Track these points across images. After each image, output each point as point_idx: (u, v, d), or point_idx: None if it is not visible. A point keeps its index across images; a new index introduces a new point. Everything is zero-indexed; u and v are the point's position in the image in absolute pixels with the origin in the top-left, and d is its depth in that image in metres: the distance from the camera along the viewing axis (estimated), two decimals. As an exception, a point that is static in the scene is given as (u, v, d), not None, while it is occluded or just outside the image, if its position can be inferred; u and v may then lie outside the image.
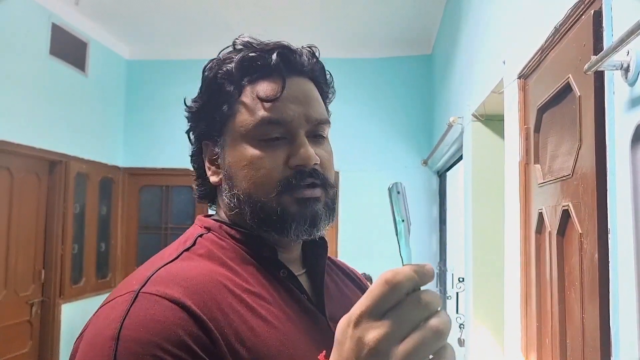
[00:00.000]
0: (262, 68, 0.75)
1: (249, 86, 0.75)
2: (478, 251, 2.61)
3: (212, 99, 0.76)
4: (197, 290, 0.63)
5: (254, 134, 0.73)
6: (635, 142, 0.94)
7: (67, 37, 4.11)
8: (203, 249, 0.72)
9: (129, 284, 0.65)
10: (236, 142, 0.74)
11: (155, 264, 0.68)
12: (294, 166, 0.72)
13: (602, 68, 1.01)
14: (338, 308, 0.78)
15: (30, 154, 3.73)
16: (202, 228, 0.77)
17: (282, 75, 0.74)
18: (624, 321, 0.99)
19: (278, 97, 0.73)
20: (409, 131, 4.79)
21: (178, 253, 0.70)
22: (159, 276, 0.64)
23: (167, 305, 0.60)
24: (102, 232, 4.66)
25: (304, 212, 0.72)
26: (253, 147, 0.73)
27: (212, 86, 0.77)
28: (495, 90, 2.14)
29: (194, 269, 0.67)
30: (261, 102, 0.73)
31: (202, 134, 0.79)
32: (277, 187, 0.72)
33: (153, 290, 0.61)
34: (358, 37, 4.63)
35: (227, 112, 0.75)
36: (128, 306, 0.60)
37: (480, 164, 2.63)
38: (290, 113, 0.73)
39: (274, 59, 0.74)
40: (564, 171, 1.31)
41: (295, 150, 0.73)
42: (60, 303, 4.02)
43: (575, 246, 1.23)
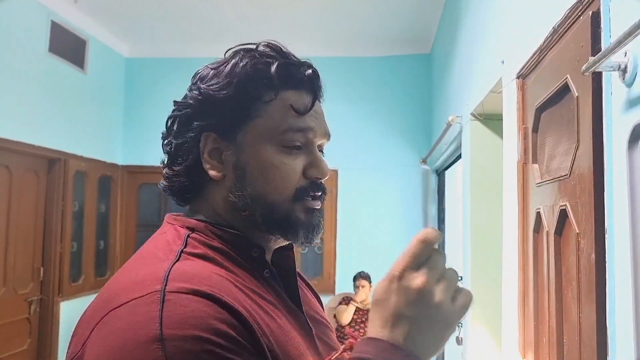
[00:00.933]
0: (298, 80, 0.77)
1: (282, 93, 0.76)
2: (476, 250, 2.62)
3: (240, 95, 0.75)
4: (220, 287, 0.63)
5: (280, 139, 0.75)
6: (632, 142, 0.95)
7: (66, 35, 4.11)
8: (197, 249, 0.71)
9: (142, 285, 0.61)
10: (257, 143, 0.75)
11: (156, 264, 0.66)
12: (311, 177, 0.77)
13: (599, 69, 1.01)
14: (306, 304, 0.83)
15: (29, 152, 3.73)
16: (183, 228, 0.75)
17: (315, 91, 0.79)
18: (620, 321, 1.00)
19: (308, 111, 0.77)
20: (408, 130, 4.80)
21: (177, 253, 0.68)
22: (176, 275, 0.63)
23: (202, 301, 0.59)
24: (101, 230, 4.66)
25: (310, 221, 0.77)
26: (278, 152, 0.75)
27: (243, 82, 0.75)
28: (493, 89, 2.15)
29: (204, 269, 0.66)
30: (292, 112, 0.75)
31: (210, 125, 0.76)
32: (293, 194, 0.75)
33: (180, 289, 0.60)
34: (357, 36, 4.63)
35: (254, 112, 0.75)
36: (159, 307, 0.58)
37: (478, 163, 2.63)
38: (313, 125, 0.77)
39: (307, 74, 0.78)
40: (561, 171, 1.32)
41: (314, 162, 0.77)
42: (59, 301, 4.02)
43: (572, 246, 1.23)
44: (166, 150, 0.80)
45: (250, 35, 0.80)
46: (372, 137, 4.80)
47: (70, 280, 4.17)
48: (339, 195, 4.84)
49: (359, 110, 4.83)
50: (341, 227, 4.82)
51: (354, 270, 4.41)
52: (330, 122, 0.80)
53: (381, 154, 4.78)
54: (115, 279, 0.68)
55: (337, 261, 4.80)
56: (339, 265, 4.78)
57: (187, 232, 0.73)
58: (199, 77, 0.79)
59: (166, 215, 0.80)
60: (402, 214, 4.74)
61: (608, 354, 1.05)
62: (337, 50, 4.84)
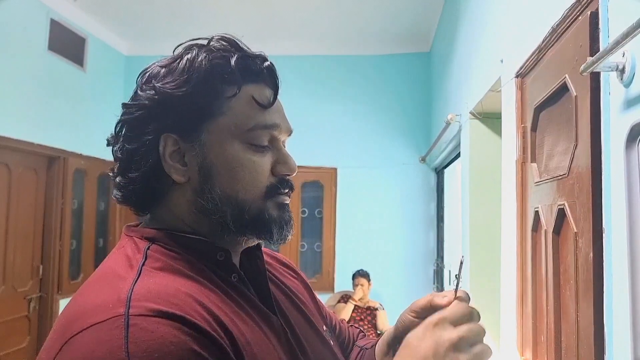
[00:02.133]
0: (258, 73, 0.74)
1: (244, 88, 0.73)
2: (475, 248, 2.62)
3: (198, 92, 0.70)
4: (188, 303, 0.60)
5: (247, 136, 0.72)
6: (630, 142, 0.95)
7: (66, 33, 4.11)
8: (158, 262, 0.66)
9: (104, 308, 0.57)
10: (225, 142, 0.71)
11: (116, 283, 0.61)
12: (280, 174, 0.75)
13: (598, 69, 1.02)
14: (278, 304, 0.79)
15: (28, 150, 3.73)
16: (142, 239, 0.70)
17: (275, 83, 0.75)
18: (617, 319, 1.00)
19: (272, 104, 0.74)
20: (407, 128, 4.80)
21: (137, 269, 0.64)
22: (139, 295, 0.58)
23: (169, 324, 0.56)
24: (100, 228, 4.67)
25: (283, 217, 0.75)
26: (245, 150, 0.72)
27: (202, 78, 0.70)
28: (493, 88, 2.15)
29: (169, 284, 0.62)
30: (256, 106, 0.72)
31: (168, 125, 0.71)
32: (264, 193, 0.73)
33: (145, 312, 0.56)
34: (356, 34, 4.63)
35: (216, 108, 0.71)
36: (124, 332, 0.54)
37: (477, 162, 2.64)
38: (278, 122, 0.75)
39: (265, 67, 0.75)
40: (560, 170, 1.32)
41: (283, 159, 0.75)
42: (58, 299, 4.03)
43: (570, 245, 1.24)
44: (117, 156, 0.76)
45: (250, 34, 0.79)
46: (371, 136, 4.81)
47: (69, 278, 4.17)
48: (338, 193, 4.85)
49: (358, 109, 4.83)
50: (340, 225, 4.82)
51: (353, 268, 4.42)
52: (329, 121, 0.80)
53: (380, 152, 4.78)
54: (74, 302, 0.63)
55: (336, 259, 4.80)
56: (338, 263, 4.79)
57: (146, 245, 0.69)
58: (148, 76, 0.75)
59: (124, 227, 0.75)
60: (401, 212, 4.74)
61: (605, 352, 1.05)
62: (336, 49, 4.84)
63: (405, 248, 4.72)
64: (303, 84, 4.73)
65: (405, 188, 4.76)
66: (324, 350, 0.82)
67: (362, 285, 4.25)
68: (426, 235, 4.74)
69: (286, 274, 0.93)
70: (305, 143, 4.36)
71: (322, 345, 0.82)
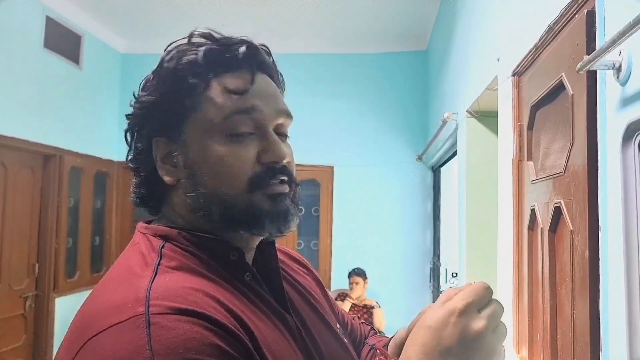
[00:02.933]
0: (230, 61, 0.72)
1: (215, 79, 0.71)
2: (471, 246, 2.63)
3: (172, 92, 0.71)
4: (207, 301, 0.59)
5: (222, 128, 0.69)
6: (626, 140, 0.95)
7: (62, 30, 4.09)
8: (173, 260, 0.66)
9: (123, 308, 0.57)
10: (201, 138, 0.70)
11: (134, 281, 0.61)
12: (266, 162, 0.71)
13: (594, 68, 1.02)
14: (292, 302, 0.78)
15: (24, 148, 3.72)
16: (156, 237, 0.70)
17: (252, 68, 0.72)
18: (613, 317, 1.01)
19: (248, 89, 0.71)
20: (404, 127, 4.80)
21: (154, 267, 0.64)
22: (158, 293, 0.58)
23: (190, 321, 0.55)
24: (96, 226, 4.65)
25: (276, 208, 0.71)
26: (221, 142, 0.69)
27: (172, 78, 0.71)
28: (489, 87, 2.16)
29: (187, 282, 0.62)
30: (230, 95, 0.70)
31: (156, 130, 0.72)
32: (248, 184, 0.69)
33: (165, 310, 0.56)
34: (353, 32, 4.63)
35: (190, 105, 0.70)
36: (146, 332, 0.53)
37: (474, 160, 2.64)
38: (259, 104, 0.71)
39: (241, 52, 0.72)
40: (556, 168, 1.33)
41: (268, 146, 0.71)
42: (54, 297, 4.02)
43: (566, 243, 1.24)
44: (129, 165, 0.78)
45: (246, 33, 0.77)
46: (368, 134, 4.81)
47: (65, 276, 4.16)
48: (335, 192, 4.85)
49: (355, 107, 4.83)
50: (337, 223, 4.82)
51: (350, 266, 4.42)
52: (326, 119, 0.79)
53: (377, 150, 4.79)
54: (91, 301, 0.62)
55: (332, 257, 4.81)
56: (335, 261, 4.79)
57: (160, 243, 0.69)
58: (140, 87, 0.76)
59: (138, 224, 0.76)
60: (398, 210, 4.75)
61: (601, 350, 1.06)
62: (333, 47, 4.84)
63: (401, 246, 4.72)
64: (299, 82, 4.72)
65: (402, 186, 4.77)
66: (338, 348, 0.81)
67: (357, 283, 4.25)
68: (422, 233, 4.75)
69: (299, 270, 0.92)
70: (302, 141, 4.33)
71: (336, 344, 0.81)
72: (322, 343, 0.77)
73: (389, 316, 4.26)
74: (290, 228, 0.73)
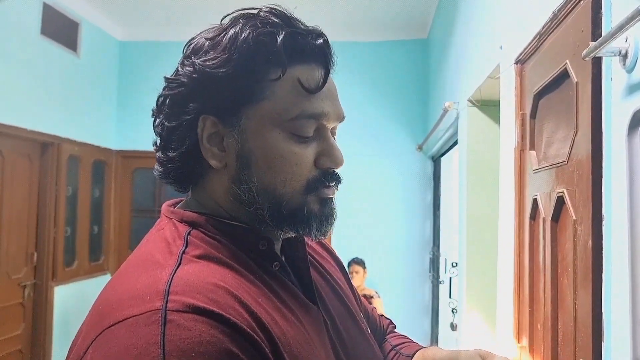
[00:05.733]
0: (307, 52, 0.67)
1: (290, 69, 0.66)
2: (472, 237, 2.62)
3: (241, 73, 0.65)
4: (226, 300, 0.57)
5: (290, 125, 0.66)
6: (632, 129, 0.94)
7: (59, 18, 4.05)
8: (199, 249, 0.64)
9: (141, 300, 0.55)
10: (264, 129, 0.66)
11: (156, 272, 0.59)
12: (325, 167, 0.69)
13: (600, 54, 1.00)
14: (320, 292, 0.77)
15: (21, 136, 3.70)
16: (182, 223, 0.68)
17: (327, 64, 0.68)
18: (616, 308, 1.00)
19: (321, 88, 0.67)
20: (404, 116, 4.78)
21: (177, 256, 0.62)
22: (178, 287, 0.56)
23: (207, 322, 0.53)
24: (94, 215, 4.64)
25: (325, 212, 0.70)
26: (287, 139, 0.66)
27: (244, 58, 0.65)
28: (491, 75, 2.14)
29: (209, 276, 0.60)
30: (303, 92, 0.66)
31: (207, 106, 0.66)
32: (305, 186, 0.68)
33: (182, 307, 0.54)
34: (353, 20, 4.59)
35: (258, 91, 0.66)
36: (161, 329, 0.52)
37: (475, 150, 2.63)
38: (328, 109, 0.69)
39: (318, 45, 0.68)
40: (559, 157, 1.31)
41: (329, 151, 0.70)
42: (52, 286, 4.02)
43: (569, 233, 1.23)
44: (157, 132, 0.71)
45: None
46: (367, 124, 4.78)
47: (64, 265, 4.16)
48: (334, 181, 4.83)
49: (355, 96, 4.80)
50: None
51: (350, 255, 4.42)
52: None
53: (377, 140, 4.76)
54: (112, 288, 0.61)
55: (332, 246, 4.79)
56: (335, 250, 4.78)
57: (186, 230, 0.66)
58: (192, 49, 0.69)
59: (163, 206, 0.73)
60: (398, 200, 4.74)
61: (603, 340, 1.05)
62: (332, 35, 4.72)
63: (401, 236, 4.72)
64: (299, 70, 4.69)
65: (402, 176, 4.75)
66: (363, 342, 0.79)
67: (357, 272, 4.25)
68: (422, 223, 4.74)
69: (326, 257, 0.90)
70: (302, 130, 4.33)
71: (362, 338, 0.79)
72: (348, 337, 0.75)
73: (388, 306, 4.26)
74: (330, 230, 0.72)
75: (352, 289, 0.90)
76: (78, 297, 4.26)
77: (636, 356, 0.90)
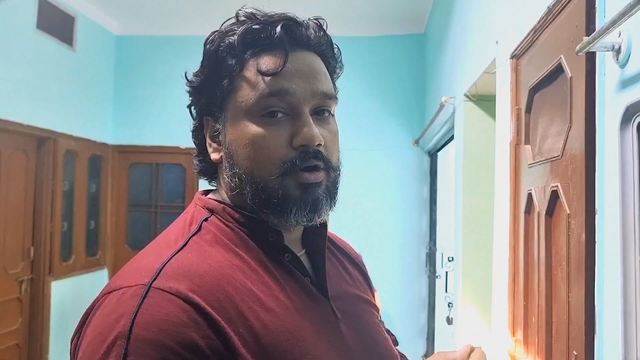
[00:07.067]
0: (265, 41, 0.71)
1: (251, 60, 0.71)
2: (468, 231, 2.63)
3: (213, 73, 0.73)
4: (210, 289, 0.61)
5: (255, 109, 0.70)
6: (624, 123, 0.94)
7: (54, 11, 4.03)
8: (209, 234, 0.70)
9: (138, 274, 0.62)
10: (237, 119, 0.71)
11: (162, 252, 0.66)
12: (297, 146, 0.69)
13: (593, 49, 1.01)
14: (335, 287, 0.78)
15: (17, 130, 3.68)
16: (204, 209, 0.75)
17: (285, 48, 0.71)
18: (608, 301, 1.01)
19: (279, 71, 0.70)
20: (401, 111, 4.78)
21: (185, 239, 0.68)
22: (170, 269, 0.62)
23: (181, 305, 0.58)
24: (91, 209, 4.64)
25: (305, 198, 0.70)
26: (255, 124, 0.70)
27: (213, 60, 0.73)
28: (487, 70, 2.14)
29: (204, 263, 0.64)
30: (263, 76, 0.70)
31: (203, 109, 0.76)
32: (280, 169, 0.69)
33: (165, 287, 0.59)
34: (349, 15, 4.58)
35: (228, 87, 0.72)
36: (139, 301, 0.57)
37: (471, 144, 2.63)
38: (293, 86, 0.70)
39: (277, 32, 0.71)
40: (553, 152, 1.32)
41: (299, 128, 0.70)
42: (49, 280, 4.01)
43: (563, 226, 1.24)
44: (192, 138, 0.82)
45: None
46: (363, 118, 4.78)
47: (61, 259, 4.15)
48: (331, 176, 4.83)
49: (351, 91, 4.80)
50: (333, 207, 4.81)
51: (346, 250, 4.42)
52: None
53: (373, 135, 4.76)
54: (131, 260, 0.69)
55: (328, 242, 4.80)
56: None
57: (205, 215, 0.73)
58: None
59: (196, 193, 0.81)
60: (394, 195, 4.75)
61: (596, 333, 1.06)
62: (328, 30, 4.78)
63: (397, 231, 4.73)
64: (296, 65, 4.68)
65: (398, 171, 4.76)
66: (380, 342, 0.80)
67: (354, 267, 4.26)
68: (419, 218, 4.75)
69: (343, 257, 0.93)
70: (298, 125, 4.32)
71: (379, 337, 0.81)
72: (363, 334, 0.77)
73: (385, 300, 4.28)
74: (321, 217, 0.73)
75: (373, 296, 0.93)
76: (75, 291, 4.26)
77: (627, 349, 0.91)
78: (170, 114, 4.70)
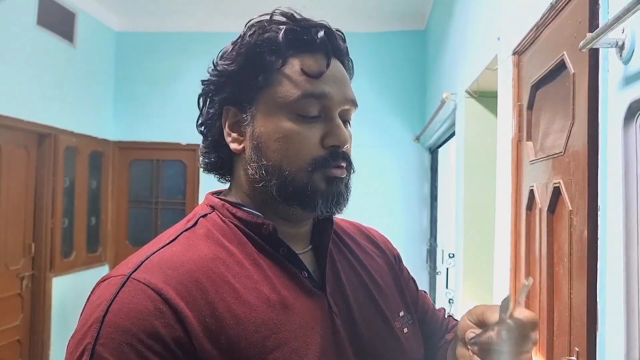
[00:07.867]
0: (308, 43, 0.75)
1: (292, 59, 0.74)
2: (469, 227, 2.63)
3: (250, 65, 0.75)
4: (182, 280, 0.65)
5: (293, 107, 0.73)
6: (628, 119, 0.94)
7: (55, 8, 4.02)
8: (202, 229, 0.73)
9: (126, 265, 0.67)
10: (271, 113, 0.74)
11: (153, 246, 0.70)
12: (328, 146, 0.74)
13: (597, 45, 1.00)
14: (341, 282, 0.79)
15: (18, 127, 3.68)
16: (207, 207, 0.78)
17: (328, 53, 0.75)
18: (610, 297, 1.01)
19: (322, 74, 0.74)
20: (402, 107, 4.77)
21: (177, 234, 0.72)
22: (150, 262, 0.67)
23: (150, 295, 0.62)
24: (92, 206, 4.64)
25: (331, 191, 0.74)
26: (291, 120, 0.73)
27: (252, 51, 0.75)
28: (489, 66, 2.14)
29: (185, 255, 0.68)
30: (305, 77, 0.73)
31: (228, 98, 0.77)
32: (311, 164, 0.73)
33: (141, 278, 0.64)
34: (350, 11, 4.58)
35: (265, 81, 0.74)
36: (117, 290, 0.63)
37: (472, 141, 2.63)
38: (331, 90, 0.74)
39: (320, 36, 0.75)
40: (555, 148, 1.32)
41: (332, 130, 0.74)
42: (50, 277, 4.02)
43: (565, 223, 1.24)
44: (199, 129, 0.82)
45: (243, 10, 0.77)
46: (364, 115, 4.77)
47: (61, 256, 4.16)
48: (331, 172, 4.83)
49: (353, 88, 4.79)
50: (334, 204, 4.81)
51: (346, 247, 4.43)
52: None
53: (374, 131, 4.76)
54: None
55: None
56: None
57: (205, 212, 0.77)
58: (220, 55, 0.80)
59: (207, 194, 0.83)
60: (395, 191, 4.75)
61: (598, 330, 1.06)
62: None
63: (398, 227, 4.73)
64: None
65: (399, 168, 4.76)
66: (386, 337, 0.80)
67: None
68: (420, 214, 4.75)
69: (368, 249, 0.93)
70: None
71: (386, 332, 0.80)
72: (365, 329, 0.77)
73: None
74: (340, 210, 0.77)
75: (399, 284, 0.91)
76: (76, 288, 4.26)
77: (629, 345, 0.91)
78: (171, 110, 4.70)
